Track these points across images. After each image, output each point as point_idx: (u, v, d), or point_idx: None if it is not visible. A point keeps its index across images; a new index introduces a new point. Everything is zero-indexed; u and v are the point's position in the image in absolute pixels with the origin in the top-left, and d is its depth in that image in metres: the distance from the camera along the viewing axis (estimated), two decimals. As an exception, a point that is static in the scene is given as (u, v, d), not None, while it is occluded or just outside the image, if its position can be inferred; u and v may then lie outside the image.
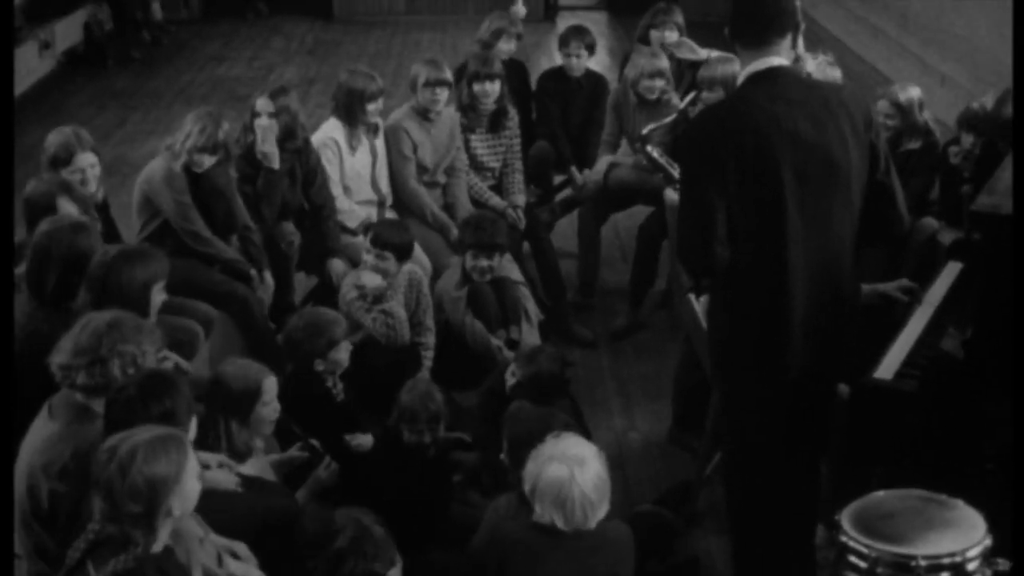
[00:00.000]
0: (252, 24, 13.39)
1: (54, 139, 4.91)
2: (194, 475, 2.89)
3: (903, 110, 5.45)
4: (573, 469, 3.31)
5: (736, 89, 3.52)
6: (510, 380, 4.63)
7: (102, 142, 5.73)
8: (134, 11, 12.09)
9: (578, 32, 6.70)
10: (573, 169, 6.66)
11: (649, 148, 4.80)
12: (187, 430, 3.21)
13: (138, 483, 2.75)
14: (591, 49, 6.72)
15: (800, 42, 3.48)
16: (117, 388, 3.24)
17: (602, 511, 3.38)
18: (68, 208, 4.42)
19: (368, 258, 5.12)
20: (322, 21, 13.47)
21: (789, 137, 3.27)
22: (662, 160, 4.74)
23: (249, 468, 3.90)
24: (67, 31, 11.29)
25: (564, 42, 6.70)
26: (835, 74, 5.38)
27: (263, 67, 11.54)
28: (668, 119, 5.13)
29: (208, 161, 5.18)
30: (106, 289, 3.82)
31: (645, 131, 4.87)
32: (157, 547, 2.82)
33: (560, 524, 3.34)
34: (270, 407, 3.96)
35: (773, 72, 3.35)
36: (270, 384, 3.95)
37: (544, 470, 3.35)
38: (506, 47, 6.54)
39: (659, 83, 6.03)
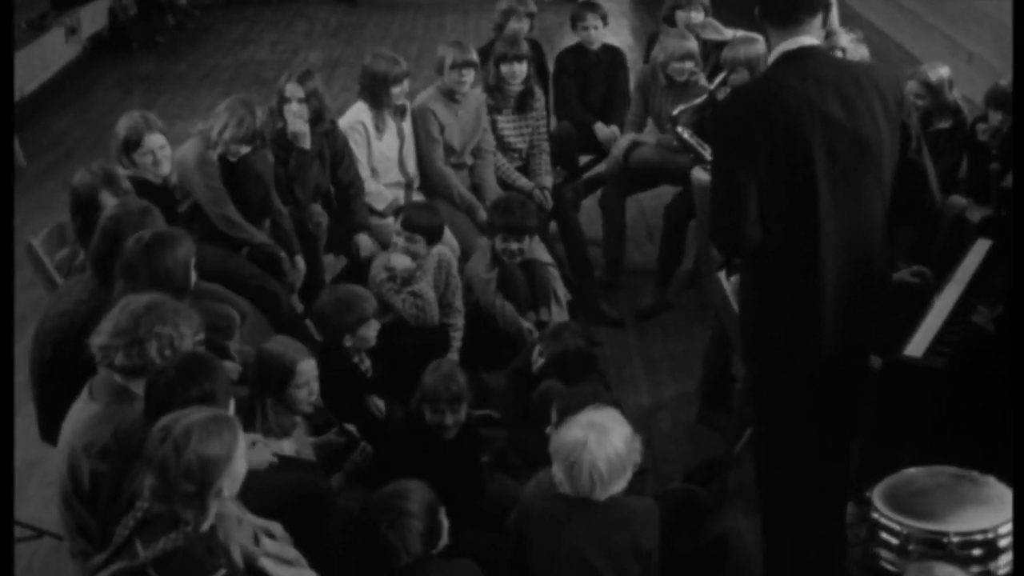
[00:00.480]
0: (276, 8, 13.41)
1: (124, 123, 4.97)
2: (243, 456, 2.93)
3: (933, 90, 5.43)
4: (591, 436, 3.34)
5: (766, 69, 3.52)
6: (537, 360, 4.64)
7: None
8: (158, -4, 12.17)
9: (590, 5, 6.69)
10: (599, 124, 6.61)
11: (680, 129, 4.80)
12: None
13: (192, 463, 2.78)
14: (605, 20, 6.72)
15: (834, 15, 3.47)
16: (156, 371, 3.27)
17: (614, 487, 3.39)
18: (110, 201, 4.46)
19: (398, 240, 5.14)
20: (345, 4, 13.47)
21: (820, 117, 3.28)
22: (692, 140, 4.74)
23: (287, 447, 3.94)
24: (92, 16, 11.35)
25: (579, 17, 6.68)
26: (863, 51, 5.38)
27: (287, 50, 11.56)
28: (697, 100, 5.13)
29: (244, 150, 5.21)
30: (153, 272, 3.84)
31: (676, 112, 4.88)
32: (205, 526, 2.85)
33: (566, 488, 3.36)
34: (304, 389, 3.98)
35: (803, 52, 3.35)
36: (306, 367, 3.98)
37: (566, 431, 3.39)
38: (516, 26, 6.50)
39: (688, 65, 6.02)
